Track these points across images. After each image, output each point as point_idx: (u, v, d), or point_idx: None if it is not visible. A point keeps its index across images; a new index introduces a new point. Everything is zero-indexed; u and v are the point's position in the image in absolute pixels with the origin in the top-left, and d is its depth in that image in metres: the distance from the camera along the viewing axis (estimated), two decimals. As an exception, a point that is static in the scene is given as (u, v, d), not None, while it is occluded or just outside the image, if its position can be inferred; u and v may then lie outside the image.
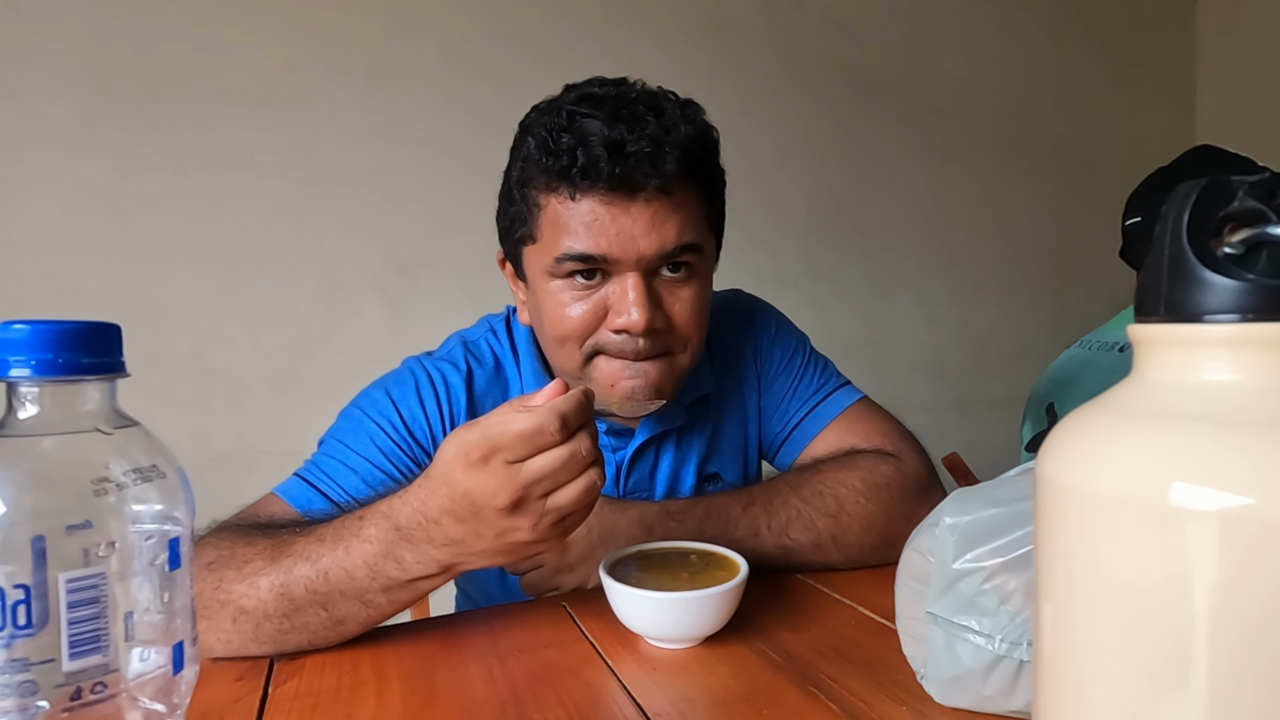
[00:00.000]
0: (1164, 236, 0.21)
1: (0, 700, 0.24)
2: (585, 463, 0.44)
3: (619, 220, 0.58)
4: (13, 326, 0.26)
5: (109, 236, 1.22)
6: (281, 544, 0.51)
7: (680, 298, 0.63)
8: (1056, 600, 0.22)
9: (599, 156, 0.56)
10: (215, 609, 0.50)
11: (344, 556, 0.49)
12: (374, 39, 1.38)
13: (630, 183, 0.57)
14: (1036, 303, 2.08)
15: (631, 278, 0.60)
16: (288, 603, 0.49)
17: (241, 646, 0.51)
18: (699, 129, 0.62)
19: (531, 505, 0.44)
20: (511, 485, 0.43)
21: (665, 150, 0.57)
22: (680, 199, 0.60)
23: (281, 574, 0.50)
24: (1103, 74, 2.14)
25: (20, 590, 0.24)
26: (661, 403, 0.65)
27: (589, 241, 0.59)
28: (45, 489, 0.26)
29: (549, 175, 0.59)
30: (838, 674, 0.47)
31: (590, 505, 0.46)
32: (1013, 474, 0.45)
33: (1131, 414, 0.21)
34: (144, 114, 1.24)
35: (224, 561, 0.52)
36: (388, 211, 1.40)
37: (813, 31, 1.76)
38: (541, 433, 0.43)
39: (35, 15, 1.17)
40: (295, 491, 0.62)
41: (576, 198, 0.59)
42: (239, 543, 0.53)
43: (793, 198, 1.73)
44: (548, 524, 0.45)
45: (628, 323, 0.59)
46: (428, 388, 0.68)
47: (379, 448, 0.64)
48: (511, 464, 0.43)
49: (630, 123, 0.57)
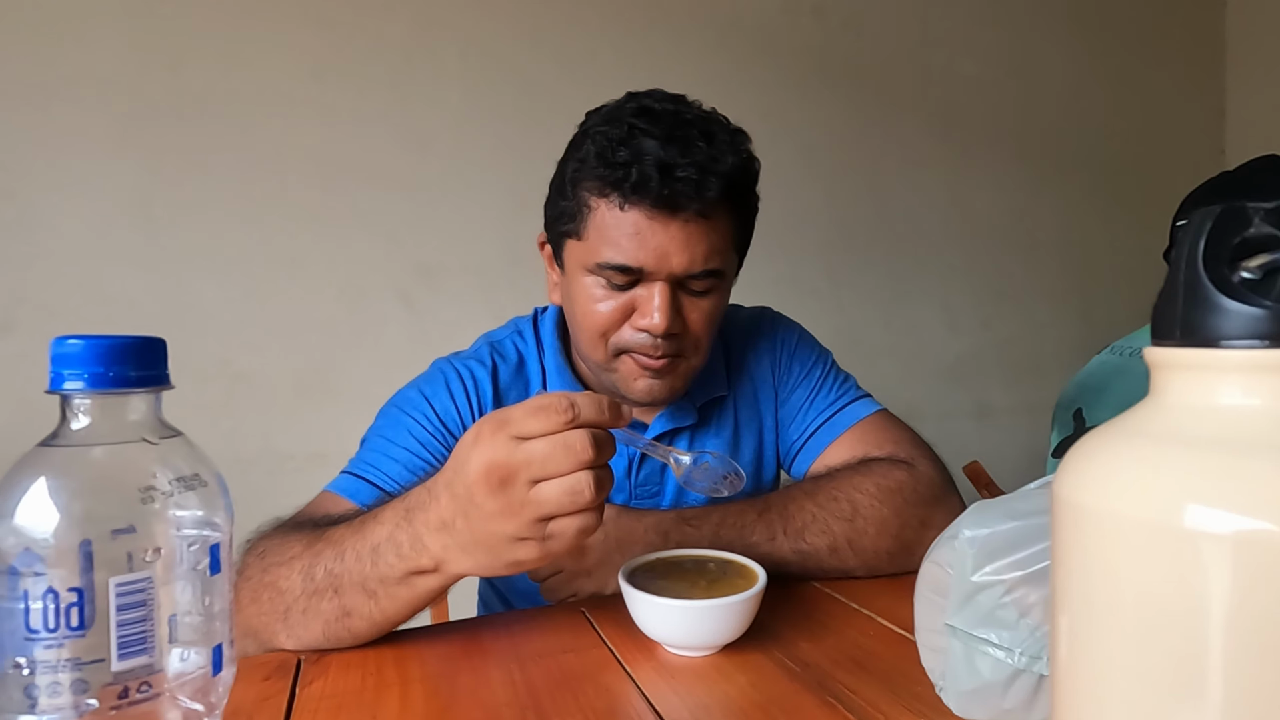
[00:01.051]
0: (1180, 261, 0.21)
1: (54, 698, 0.25)
2: (579, 462, 0.43)
3: (658, 235, 0.63)
4: (67, 341, 0.27)
5: (141, 244, 1.26)
6: (321, 532, 0.54)
7: (698, 308, 0.68)
8: (1072, 616, 0.22)
9: (650, 175, 0.61)
10: (259, 591, 0.53)
11: (359, 540, 0.51)
12: (397, 49, 1.40)
13: (674, 203, 0.62)
14: (1060, 309, 2.05)
15: (659, 286, 0.65)
16: (309, 583, 0.51)
17: (272, 628, 0.53)
18: (743, 160, 0.67)
19: (515, 488, 0.43)
20: (506, 457, 0.43)
21: (710, 178, 0.62)
22: (715, 223, 0.65)
23: (311, 557, 0.52)
24: (1128, 76, 2.11)
25: (74, 593, 0.26)
26: (676, 397, 0.71)
27: (629, 254, 0.64)
28: (95, 496, 0.27)
29: (602, 182, 0.64)
30: (856, 684, 0.47)
31: (576, 512, 0.44)
32: (1033, 487, 0.45)
33: (1147, 436, 0.21)
34: (174, 125, 1.27)
35: (273, 550, 0.56)
36: (410, 218, 1.42)
37: (831, 37, 1.76)
38: (546, 409, 0.43)
39: (70, 29, 1.21)
40: (345, 485, 0.67)
41: (625, 208, 0.63)
42: (289, 535, 0.57)
43: (811, 203, 1.73)
44: (528, 518, 0.43)
45: (650, 324, 0.65)
46: (456, 383, 0.73)
47: (415, 438, 0.69)
48: (514, 439, 0.43)
49: (683, 146, 0.62)
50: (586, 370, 0.77)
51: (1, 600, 0.26)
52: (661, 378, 0.69)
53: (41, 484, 0.26)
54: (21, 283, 1.19)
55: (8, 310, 1.19)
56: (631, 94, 0.68)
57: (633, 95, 0.68)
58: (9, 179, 1.18)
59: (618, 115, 0.65)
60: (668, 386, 0.69)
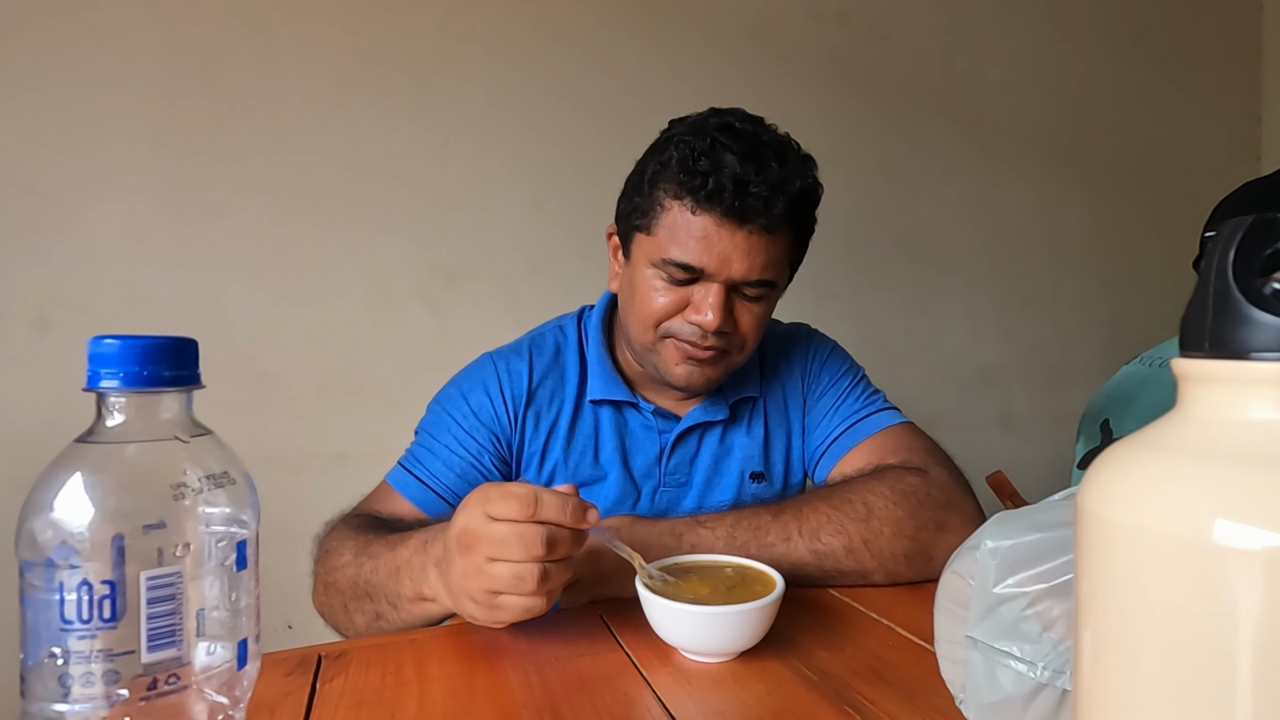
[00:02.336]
0: (1210, 272, 0.21)
1: (87, 687, 0.26)
2: (530, 555, 0.47)
3: (724, 242, 0.68)
4: (104, 341, 0.28)
5: (172, 245, 1.28)
6: (367, 542, 0.63)
7: (749, 311, 0.73)
8: (1096, 632, 0.22)
9: (725, 186, 0.66)
10: (322, 584, 0.65)
11: (389, 560, 0.59)
12: (423, 56, 1.42)
13: (743, 215, 0.67)
14: (1087, 318, 2.01)
15: (716, 287, 0.70)
16: (354, 588, 0.61)
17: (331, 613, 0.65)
18: (809, 185, 0.73)
19: (475, 557, 0.49)
20: (473, 530, 0.49)
21: (779, 197, 0.68)
22: (777, 239, 0.70)
23: (356, 567, 0.61)
24: (1161, 83, 2.07)
25: (106, 586, 0.26)
26: (710, 387, 0.77)
27: (695, 255, 0.69)
28: (129, 492, 0.28)
29: (680, 186, 0.69)
30: (874, 695, 0.47)
31: (519, 593, 0.49)
32: (1058, 498, 0.45)
33: (1174, 449, 0.21)
34: (207, 129, 1.30)
35: (333, 553, 0.65)
36: (434, 222, 1.44)
37: (856, 43, 1.75)
38: (514, 498, 0.48)
39: (108, 34, 1.24)
40: (398, 478, 0.76)
41: (696, 212, 0.69)
42: (344, 541, 0.66)
43: (833, 209, 1.69)
44: (481, 586, 0.49)
45: (703, 320, 0.70)
46: (493, 378, 0.79)
47: (455, 438, 0.77)
48: (487, 517, 0.49)
49: (759, 164, 0.67)
50: (627, 361, 0.82)
51: (38, 591, 0.27)
52: (703, 367, 0.73)
53: (78, 479, 0.27)
54: (59, 283, 1.23)
55: (45, 310, 1.22)
56: (715, 110, 0.73)
57: (716, 111, 0.73)
58: (49, 179, 1.22)
59: (702, 128, 0.70)
60: (705, 376, 0.74)
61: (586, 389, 0.80)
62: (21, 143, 1.21)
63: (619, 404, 0.80)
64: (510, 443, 0.78)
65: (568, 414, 0.79)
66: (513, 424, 0.78)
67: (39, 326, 1.21)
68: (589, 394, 0.80)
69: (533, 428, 0.78)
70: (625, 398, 0.79)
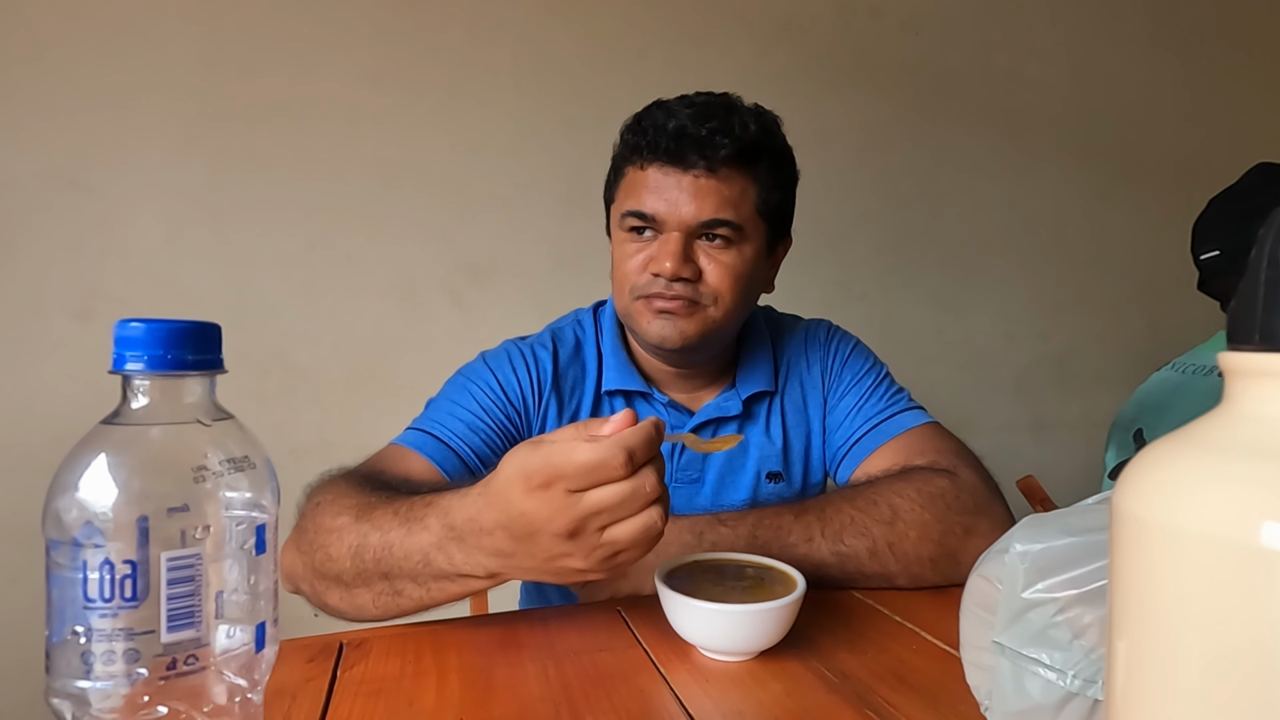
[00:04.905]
0: (1260, 261, 0.19)
1: (109, 665, 0.26)
2: (648, 499, 0.44)
3: (670, 189, 0.70)
4: (129, 324, 0.29)
5: (207, 240, 1.31)
6: (368, 506, 0.56)
7: (716, 260, 0.72)
8: (1131, 640, 0.21)
9: (665, 135, 0.70)
10: (312, 548, 0.57)
11: (405, 537, 0.52)
12: (452, 56, 1.43)
13: (683, 159, 0.70)
14: (1124, 321, 1.96)
15: (673, 235, 0.71)
16: (359, 562, 0.54)
17: (326, 584, 0.56)
18: (764, 132, 0.73)
19: (587, 536, 0.44)
20: (570, 514, 0.43)
21: (720, 138, 0.69)
22: (726, 181, 0.71)
23: (358, 536, 0.54)
24: (1206, 80, 2.00)
25: (128, 565, 0.27)
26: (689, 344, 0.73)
27: (644, 202, 0.71)
28: (152, 474, 0.28)
29: (629, 149, 0.74)
30: (896, 699, 0.46)
31: (649, 543, 0.45)
32: (1091, 502, 0.43)
33: (1220, 447, 0.20)
34: (242, 127, 1.32)
35: (326, 506, 0.58)
36: (461, 218, 1.45)
37: (887, 38, 1.72)
38: (605, 466, 0.42)
39: (147, 35, 1.28)
40: (412, 439, 0.72)
41: (645, 167, 0.72)
42: (341, 492, 0.60)
43: (862, 207, 1.69)
44: (600, 556, 0.45)
45: (659, 268, 0.71)
46: (520, 360, 0.79)
47: (479, 403, 0.75)
48: (572, 493, 0.43)
49: (702, 114, 0.70)
50: (640, 353, 0.81)
51: (64, 570, 0.27)
52: (674, 319, 0.72)
53: (103, 460, 0.28)
54: (99, 275, 1.26)
55: (86, 301, 1.26)
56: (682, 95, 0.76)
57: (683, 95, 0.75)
58: (90, 175, 1.26)
59: (659, 100, 0.74)
60: (679, 329, 0.73)
61: (602, 380, 0.80)
62: (66, 140, 1.24)
63: (633, 395, 0.80)
64: (530, 426, 0.78)
65: (587, 407, 0.79)
66: (536, 409, 0.78)
67: (80, 316, 1.25)
68: (604, 385, 0.80)
69: (555, 417, 0.78)
70: (640, 388, 0.79)
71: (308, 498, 0.62)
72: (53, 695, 0.27)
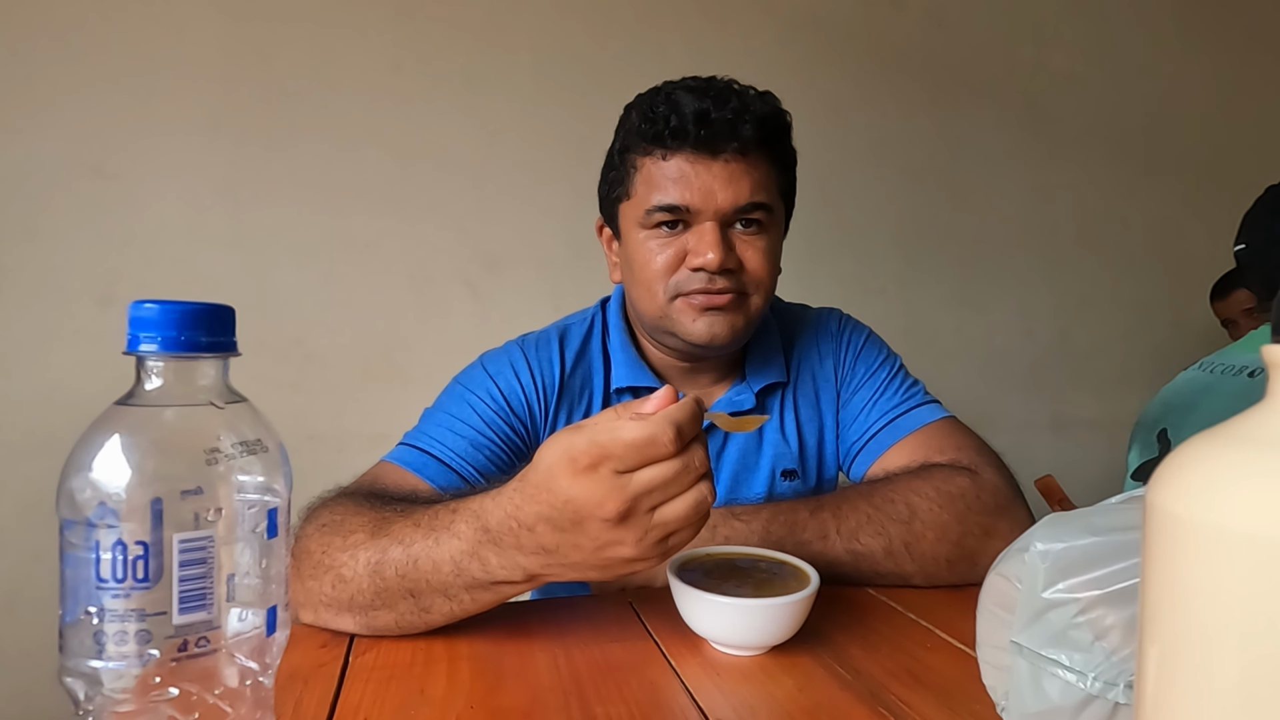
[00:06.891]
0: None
1: (121, 645, 0.27)
2: (697, 475, 0.42)
3: (702, 177, 0.67)
4: (144, 305, 0.29)
5: (227, 227, 1.33)
6: (383, 521, 0.53)
7: (753, 245, 0.70)
8: (1164, 643, 0.20)
9: (688, 121, 0.66)
10: (320, 571, 0.52)
11: (433, 547, 0.49)
12: (472, 44, 1.43)
13: (713, 145, 0.67)
14: (1148, 319, 1.92)
15: (708, 225, 0.68)
16: (379, 581, 0.50)
17: (337, 611, 0.52)
18: (773, 110, 0.71)
19: (639, 518, 0.42)
20: (620, 495, 0.41)
21: (744, 120, 0.67)
22: (754, 162, 0.69)
23: (378, 552, 0.50)
24: (1236, 72, 1.95)
25: (140, 546, 0.27)
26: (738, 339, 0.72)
27: (675, 194, 0.68)
28: (165, 456, 0.28)
29: (645, 140, 0.69)
30: (910, 697, 0.45)
31: (700, 521, 0.43)
32: (1114, 501, 0.42)
33: (1262, 443, 0.19)
34: (262, 114, 1.33)
35: (334, 527, 0.54)
36: (478, 208, 1.45)
37: (911, 30, 1.69)
38: (655, 443, 0.40)
39: (171, 23, 1.28)
40: (407, 457, 0.67)
41: (667, 157, 0.68)
42: (350, 511, 0.56)
43: (882, 201, 1.67)
44: (653, 540, 0.43)
45: (704, 261, 0.67)
46: (522, 362, 0.75)
47: (479, 415, 0.71)
48: (621, 473, 0.41)
49: (716, 98, 0.67)
50: (648, 349, 0.79)
51: (77, 550, 0.27)
52: (724, 314, 0.70)
53: (116, 441, 0.28)
54: (121, 261, 1.28)
55: (109, 285, 1.27)
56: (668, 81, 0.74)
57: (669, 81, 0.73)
58: (114, 162, 1.27)
59: (656, 88, 0.71)
60: (728, 323, 0.70)
61: (611, 378, 0.78)
62: (89, 127, 1.26)
63: (643, 391, 0.78)
64: (538, 433, 0.74)
65: (597, 406, 0.77)
66: (544, 413, 0.74)
67: (103, 301, 1.27)
68: (614, 382, 0.77)
69: (565, 419, 0.76)
70: (651, 384, 0.77)
71: (306, 521, 0.57)
72: (65, 675, 0.28)
